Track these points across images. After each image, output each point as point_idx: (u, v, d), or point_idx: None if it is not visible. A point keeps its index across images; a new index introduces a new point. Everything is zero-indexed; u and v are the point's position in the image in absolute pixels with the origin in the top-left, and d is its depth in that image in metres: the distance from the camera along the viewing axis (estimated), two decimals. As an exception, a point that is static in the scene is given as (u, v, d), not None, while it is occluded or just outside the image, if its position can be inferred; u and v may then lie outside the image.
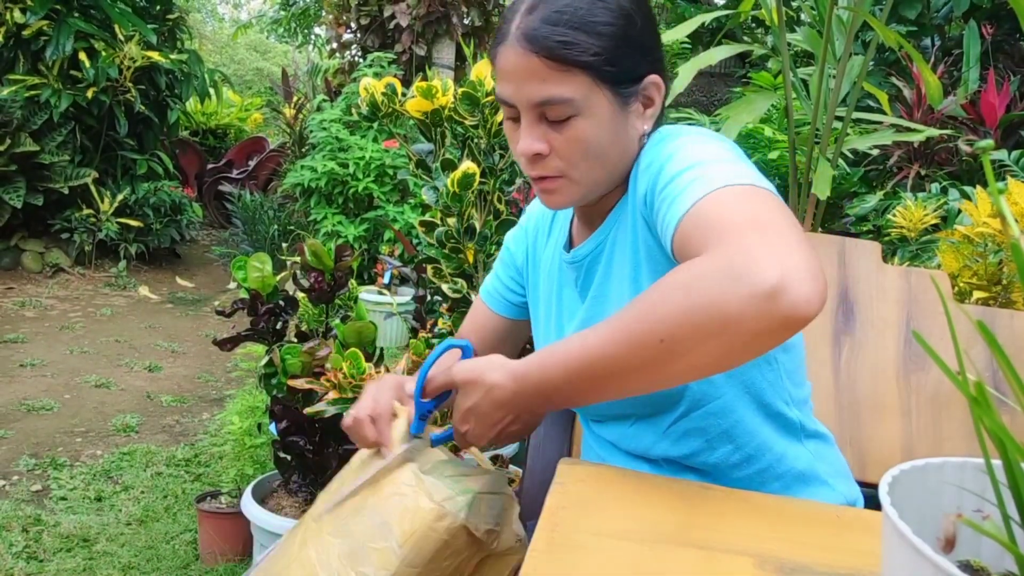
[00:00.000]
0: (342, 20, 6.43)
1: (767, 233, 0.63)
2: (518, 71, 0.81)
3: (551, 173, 0.84)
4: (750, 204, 0.67)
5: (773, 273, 0.59)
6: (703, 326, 0.61)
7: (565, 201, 0.87)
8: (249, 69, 16.21)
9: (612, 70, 0.81)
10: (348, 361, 1.67)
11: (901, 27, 4.47)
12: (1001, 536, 0.37)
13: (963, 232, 1.84)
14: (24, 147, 5.04)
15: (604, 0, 0.81)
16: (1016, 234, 0.36)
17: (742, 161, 0.77)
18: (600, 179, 0.86)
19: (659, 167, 0.79)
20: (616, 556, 0.59)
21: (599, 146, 0.83)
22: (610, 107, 0.82)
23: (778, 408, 0.88)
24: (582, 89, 0.80)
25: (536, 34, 0.80)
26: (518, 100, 0.83)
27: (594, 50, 0.80)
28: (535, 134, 0.83)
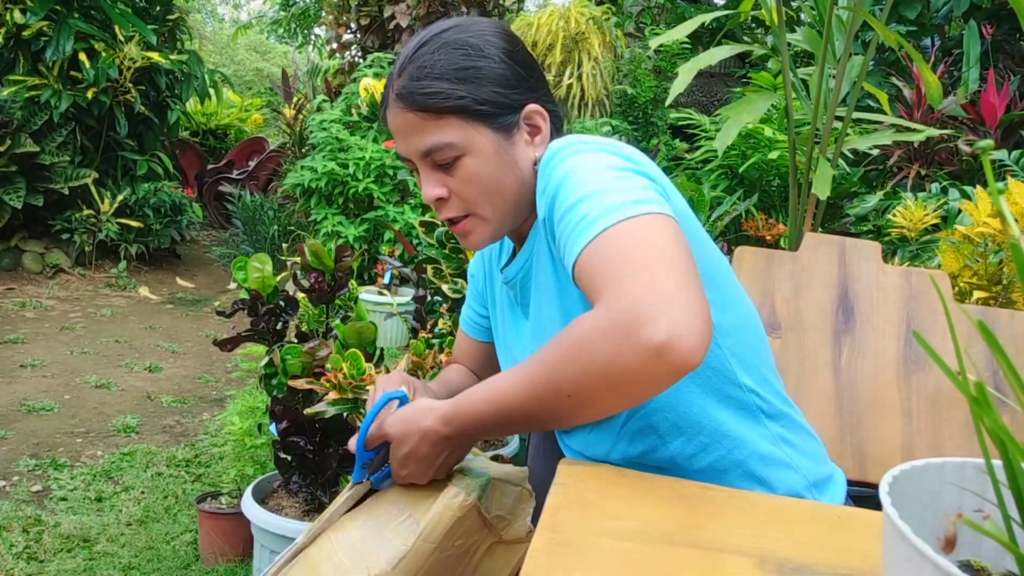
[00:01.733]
0: (342, 20, 6.43)
1: (653, 279, 0.67)
2: (400, 128, 0.89)
3: (457, 213, 0.91)
4: (636, 244, 0.71)
5: (660, 329, 0.65)
6: (603, 383, 0.68)
7: (480, 239, 0.92)
8: (249, 70, 16.22)
9: (483, 108, 0.87)
10: (348, 361, 1.67)
11: (901, 27, 4.47)
12: (1001, 536, 0.37)
13: (963, 232, 1.84)
14: (24, 148, 5.04)
15: (462, 48, 0.88)
16: (1016, 234, 0.36)
17: (629, 175, 0.79)
18: (505, 211, 0.91)
19: (552, 195, 0.82)
20: (616, 556, 0.59)
21: (492, 180, 0.88)
22: (492, 142, 0.88)
23: (728, 392, 0.87)
24: (458, 131, 0.87)
25: (405, 91, 0.87)
26: (408, 154, 0.91)
27: (458, 94, 0.86)
28: (432, 181, 0.90)
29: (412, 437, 0.82)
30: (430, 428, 0.81)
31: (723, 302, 0.87)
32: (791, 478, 0.89)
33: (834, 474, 0.96)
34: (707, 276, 0.85)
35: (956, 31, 4.70)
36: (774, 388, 0.93)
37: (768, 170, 4.02)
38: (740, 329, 0.89)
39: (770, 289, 1.28)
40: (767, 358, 0.94)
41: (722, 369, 0.87)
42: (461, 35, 0.89)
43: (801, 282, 1.28)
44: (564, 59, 5.77)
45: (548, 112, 0.93)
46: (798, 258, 1.30)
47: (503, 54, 0.90)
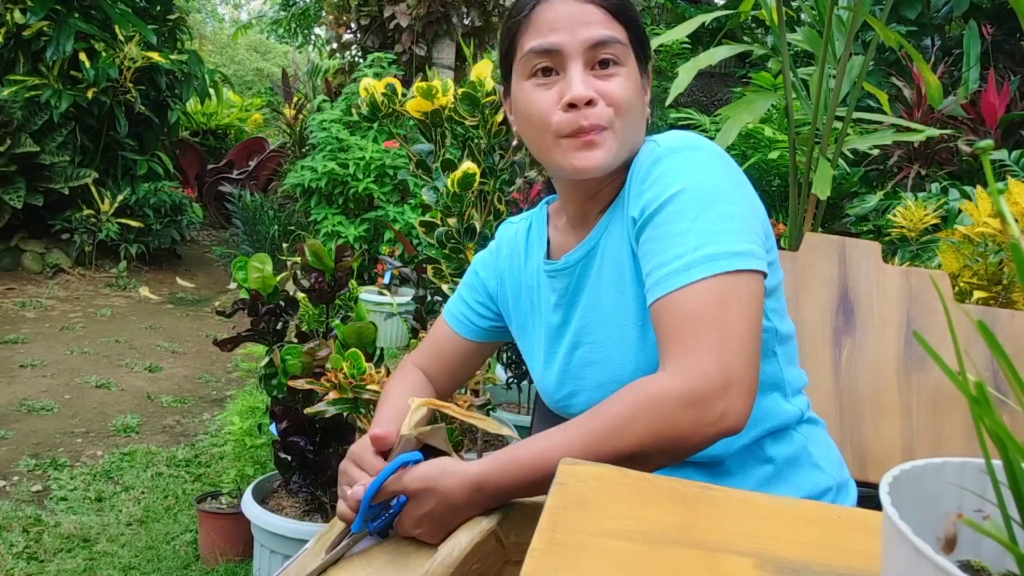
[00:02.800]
0: (342, 20, 6.43)
1: (723, 354, 0.73)
2: (572, 17, 0.86)
3: (601, 122, 0.85)
4: (719, 308, 0.75)
5: (717, 407, 0.72)
6: (662, 445, 0.73)
7: (606, 158, 0.86)
8: (249, 70, 16.22)
9: (639, 43, 0.90)
10: (348, 361, 1.67)
11: (901, 27, 4.47)
12: (1002, 536, 0.37)
13: (963, 232, 1.83)
14: (24, 148, 5.04)
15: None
16: (1016, 234, 0.36)
17: (733, 207, 0.80)
18: (629, 142, 0.89)
19: (654, 206, 0.81)
20: (616, 556, 0.59)
21: (634, 105, 0.88)
22: (637, 74, 0.89)
23: (775, 400, 0.89)
24: (626, 45, 0.87)
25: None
26: (570, 44, 0.85)
27: (634, 14, 0.89)
28: (585, 80, 0.85)
29: (432, 497, 0.78)
30: (452, 489, 0.77)
31: (783, 311, 0.91)
32: (818, 477, 0.91)
33: (850, 480, 0.97)
34: (776, 286, 0.89)
35: (956, 31, 4.70)
36: (805, 396, 0.96)
37: (768, 170, 4.02)
38: (790, 338, 0.93)
39: (770, 289, 1.28)
40: (799, 366, 0.97)
41: (774, 376, 0.90)
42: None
43: (801, 282, 1.28)
44: (564, 59, 5.76)
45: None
46: (798, 258, 1.30)
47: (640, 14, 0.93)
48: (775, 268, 0.88)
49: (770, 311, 0.87)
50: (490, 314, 1.08)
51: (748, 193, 0.84)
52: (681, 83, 2.05)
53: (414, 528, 0.81)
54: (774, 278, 0.87)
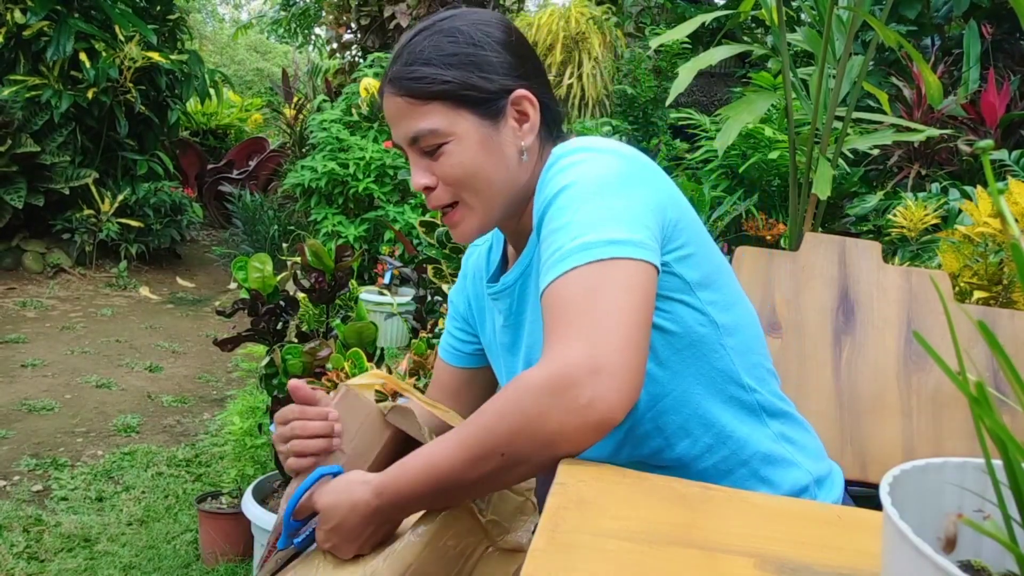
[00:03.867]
0: (342, 20, 6.43)
1: (595, 338, 0.70)
2: (391, 114, 0.91)
3: (443, 202, 0.91)
4: (593, 293, 0.73)
5: (584, 393, 0.68)
6: (531, 438, 0.70)
7: (470, 229, 0.92)
8: (249, 70, 16.22)
9: (468, 93, 0.88)
10: (349, 361, 1.67)
11: (901, 27, 4.47)
12: (1002, 536, 0.37)
13: (963, 232, 1.83)
14: (25, 148, 5.04)
15: (452, 35, 0.89)
16: (1016, 234, 0.36)
17: (623, 199, 0.78)
18: (492, 199, 0.90)
19: (545, 206, 0.82)
20: (617, 556, 0.59)
21: (476, 166, 0.88)
22: (477, 128, 0.88)
23: (732, 393, 0.88)
24: (443, 117, 0.87)
25: (395, 77, 0.89)
26: (398, 140, 0.92)
27: (442, 79, 0.87)
28: (420, 168, 0.90)
29: (340, 510, 0.80)
30: (359, 500, 0.79)
31: (726, 303, 0.88)
32: (795, 475, 0.90)
33: (832, 469, 0.97)
34: (711, 278, 0.86)
35: (956, 31, 4.70)
36: (772, 388, 0.93)
37: (768, 170, 4.02)
38: (742, 328, 0.90)
39: (770, 289, 1.28)
40: (766, 356, 0.94)
41: (727, 370, 0.87)
42: (455, 23, 0.90)
43: (801, 282, 1.28)
44: (564, 59, 5.77)
45: (540, 101, 0.92)
46: (798, 258, 1.30)
47: (494, 41, 0.90)
48: (700, 260, 0.86)
49: (708, 304, 0.85)
50: (472, 339, 1.11)
51: (646, 186, 0.82)
52: (681, 83, 2.05)
53: (325, 542, 0.83)
54: (699, 270, 0.85)
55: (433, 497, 0.77)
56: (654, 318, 0.83)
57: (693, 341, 0.85)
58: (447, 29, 0.90)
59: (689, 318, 0.85)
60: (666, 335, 0.84)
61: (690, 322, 0.85)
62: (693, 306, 0.84)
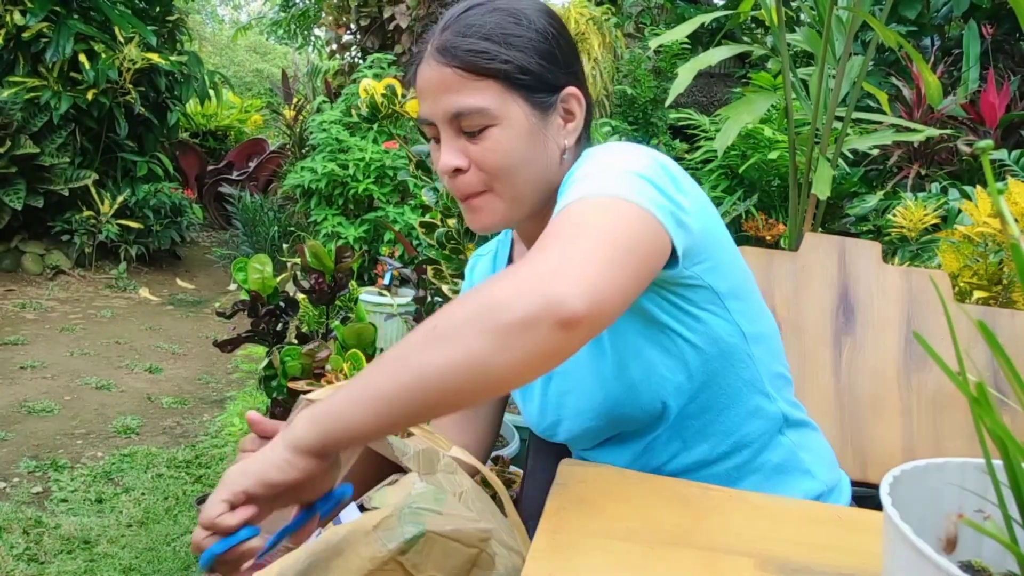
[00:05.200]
0: (342, 21, 6.43)
1: (577, 249, 0.64)
2: (433, 85, 0.83)
3: (474, 189, 0.85)
4: (592, 217, 0.68)
5: (548, 283, 0.61)
6: (480, 313, 0.61)
7: (492, 220, 0.86)
8: (249, 71, 16.21)
9: (525, 78, 0.82)
10: (349, 362, 1.67)
11: (901, 27, 4.47)
12: (1002, 536, 0.37)
13: (963, 232, 1.83)
14: (24, 149, 5.04)
15: (513, 15, 0.83)
16: (1016, 234, 0.36)
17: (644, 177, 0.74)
18: (524, 194, 0.85)
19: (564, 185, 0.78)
20: (617, 557, 0.59)
21: (517, 156, 0.83)
22: (527, 117, 0.83)
23: (756, 403, 0.87)
24: (495, 98, 0.81)
25: (448, 46, 0.82)
26: (434, 115, 0.84)
27: (504, 57, 0.81)
28: (453, 148, 0.84)
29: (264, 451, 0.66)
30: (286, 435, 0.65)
31: (753, 313, 0.87)
32: (808, 484, 0.90)
33: (842, 478, 0.96)
34: (739, 288, 0.85)
35: (956, 31, 4.70)
36: (789, 393, 0.93)
37: (768, 170, 4.02)
38: (766, 337, 0.89)
39: (770, 289, 1.28)
40: (785, 364, 0.94)
41: (752, 380, 0.87)
42: (517, 4, 0.85)
43: (801, 282, 1.28)
44: (564, 60, 5.76)
45: (586, 101, 0.89)
46: (798, 258, 1.30)
47: (556, 32, 0.86)
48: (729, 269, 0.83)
49: (737, 313, 0.84)
50: None
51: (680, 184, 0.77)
52: (681, 83, 2.05)
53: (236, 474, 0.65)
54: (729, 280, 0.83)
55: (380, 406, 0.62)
56: (686, 331, 0.82)
57: (723, 351, 0.84)
58: (510, 10, 0.84)
59: (720, 329, 0.83)
60: (696, 350, 0.83)
61: (721, 333, 0.83)
62: (723, 317, 0.83)
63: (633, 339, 0.83)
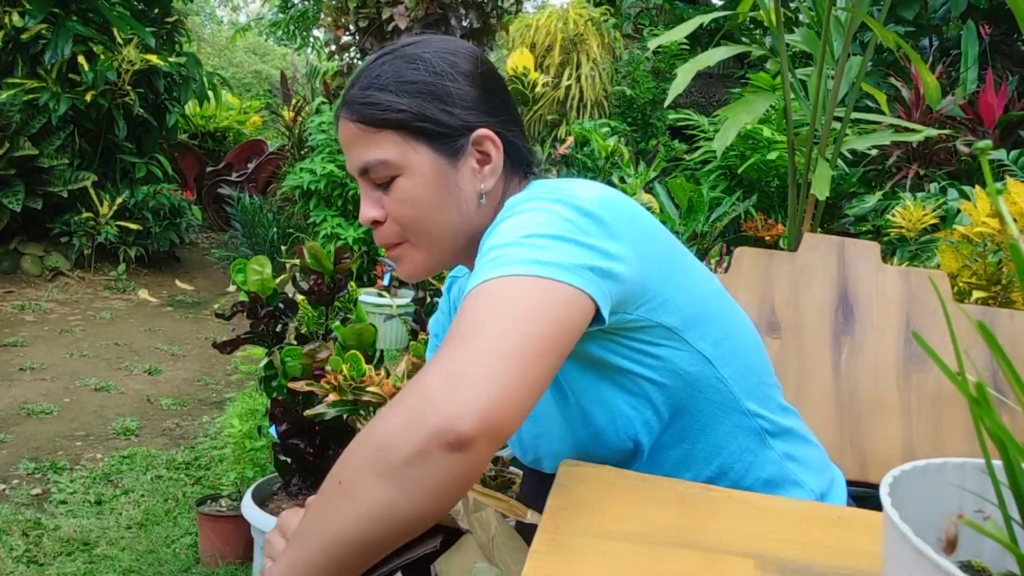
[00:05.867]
0: (340, 22, 6.43)
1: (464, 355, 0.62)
2: (344, 140, 0.85)
3: (390, 240, 0.85)
4: (483, 310, 0.65)
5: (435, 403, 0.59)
6: (366, 446, 0.61)
7: (416, 269, 0.87)
8: (248, 72, 16.21)
9: (424, 125, 0.81)
10: (348, 363, 1.67)
11: (899, 27, 4.47)
12: (1002, 536, 0.37)
13: (962, 232, 1.84)
14: (23, 151, 5.04)
15: (414, 61, 0.83)
16: (1015, 234, 0.36)
17: (565, 235, 0.70)
18: (441, 242, 0.85)
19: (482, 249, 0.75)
20: (617, 558, 0.59)
21: (428, 205, 0.82)
22: (433, 164, 0.82)
23: (733, 423, 0.84)
24: (395, 148, 0.81)
25: (351, 101, 0.83)
26: (350, 169, 0.86)
27: (398, 106, 0.81)
28: (370, 200, 0.84)
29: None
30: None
31: (719, 334, 0.82)
32: (798, 494, 0.88)
33: (835, 478, 0.95)
34: (697, 315, 0.80)
35: (954, 31, 4.71)
36: (776, 403, 0.90)
37: (767, 171, 4.02)
38: (739, 352, 0.85)
39: (769, 290, 1.28)
40: (767, 373, 0.90)
41: (725, 402, 0.84)
42: (419, 50, 0.84)
43: (800, 283, 1.28)
44: (563, 60, 5.77)
45: (504, 141, 0.85)
46: (797, 258, 1.30)
47: (459, 73, 0.84)
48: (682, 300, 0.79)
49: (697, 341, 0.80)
50: None
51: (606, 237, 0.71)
52: (679, 84, 2.05)
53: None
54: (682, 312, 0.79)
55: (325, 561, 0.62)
56: (645, 371, 0.79)
57: (688, 382, 0.81)
58: (409, 55, 0.84)
59: (681, 361, 0.80)
60: (659, 386, 0.80)
61: (682, 365, 0.80)
62: (683, 349, 0.79)
63: (592, 384, 0.81)
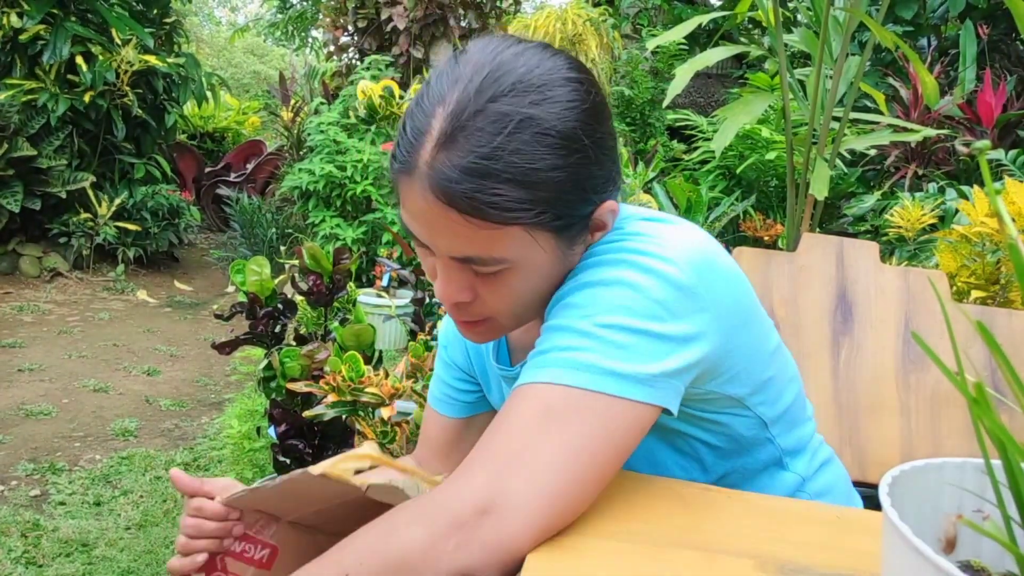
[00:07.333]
0: (339, 23, 6.43)
1: (507, 469, 0.59)
2: (429, 219, 0.65)
3: (475, 318, 0.73)
4: (544, 420, 0.61)
5: (463, 531, 0.57)
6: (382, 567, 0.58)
7: (491, 338, 0.77)
8: (246, 72, 16.21)
9: (558, 222, 0.66)
10: (347, 364, 1.67)
11: (897, 27, 4.48)
12: (1001, 536, 0.37)
13: (961, 232, 1.84)
14: (21, 151, 5.03)
15: (551, 135, 0.63)
16: (1013, 234, 0.36)
17: (620, 320, 0.64)
18: (531, 315, 0.75)
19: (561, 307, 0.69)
20: (617, 558, 0.59)
21: (534, 292, 0.71)
22: (552, 252, 0.68)
23: (774, 476, 0.83)
24: (518, 245, 0.66)
25: (453, 189, 0.62)
26: (434, 247, 0.68)
27: (538, 208, 0.64)
28: (458, 283, 0.69)
29: None
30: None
31: (777, 393, 0.79)
32: None
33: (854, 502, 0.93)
34: (765, 380, 0.77)
35: (952, 31, 4.71)
36: (813, 449, 0.87)
37: (766, 171, 4.03)
38: (790, 408, 0.82)
39: (768, 290, 1.28)
40: (806, 411, 0.88)
41: (771, 458, 0.83)
42: (543, 105, 0.63)
43: (799, 282, 1.28)
44: (561, 61, 5.76)
45: (617, 200, 0.73)
46: (796, 258, 1.30)
47: (594, 140, 0.66)
48: (752, 368, 0.75)
49: (758, 405, 0.77)
50: (474, 386, 0.97)
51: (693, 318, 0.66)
52: (678, 84, 2.06)
53: None
54: (752, 380, 0.75)
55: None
56: (702, 435, 0.77)
57: (741, 445, 0.79)
58: (530, 118, 0.62)
59: (740, 426, 0.77)
60: (712, 448, 0.79)
61: (740, 430, 0.78)
62: (744, 415, 0.77)
63: (645, 443, 0.74)
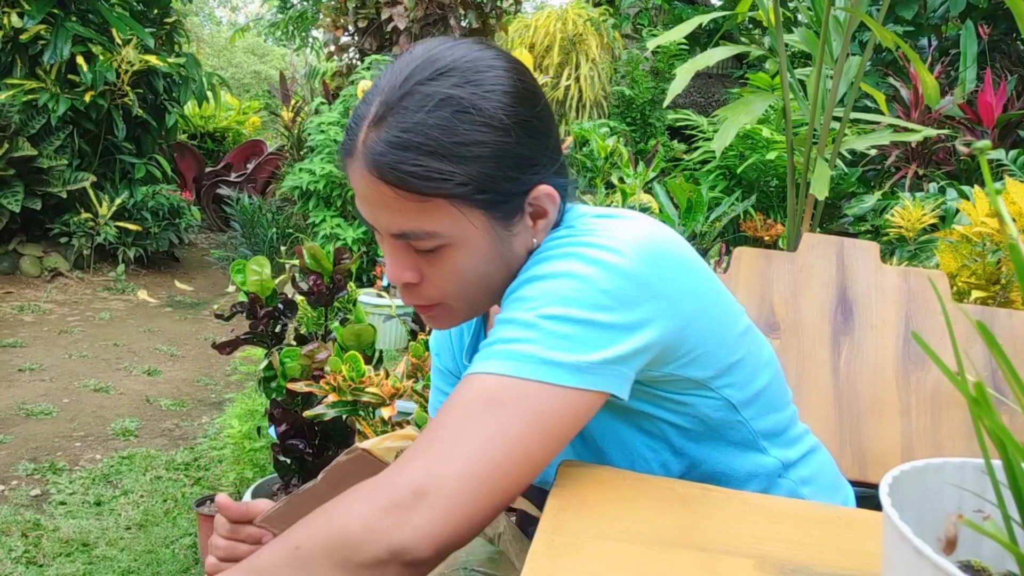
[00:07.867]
0: (339, 23, 6.43)
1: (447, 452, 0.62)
2: (368, 196, 0.69)
3: (427, 302, 0.75)
4: (484, 407, 0.63)
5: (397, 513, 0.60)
6: (325, 541, 0.61)
7: (450, 324, 0.80)
8: (247, 72, 16.21)
9: (484, 197, 0.69)
10: (347, 364, 1.67)
11: (898, 27, 4.47)
12: (1002, 536, 0.37)
13: (961, 232, 1.84)
14: (22, 151, 5.03)
15: (471, 112, 0.67)
16: (1014, 234, 0.36)
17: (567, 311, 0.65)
18: (482, 301, 0.77)
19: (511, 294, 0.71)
20: (617, 558, 0.59)
21: (477, 273, 0.72)
22: (487, 231, 0.71)
23: (750, 459, 0.83)
24: (448, 220, 0.68)
25: (382, 161, 0.66)
26: (375, 224, 0.72)
27: (459, 179, 0.67)
28: (402, 262, 0.72)
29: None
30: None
31: (746, 377, 0.79)
32: None
33: (847, 497, 0.94)
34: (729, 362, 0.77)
35: (953, 31, 4.71)
36: (794, 434, 0.87)
37: (766, 171, 4.03)
38: (763, 392, 0.82)
39: (768, 290, 1.28)
40: (786, 402, 0.88)
41: (745, 441, 0.82)
42: (465, 87, 0.67)
43: (799, 282, 1.28)
44: (562, 60, 5.77)
45: (558, 190, 0.75)
46: (796, 258, 1.30)
47: (518, 120, 0.69)
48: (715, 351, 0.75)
49: (724, 387, 0.77)
50: None
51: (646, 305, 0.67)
52: (678, 84, 2.06)
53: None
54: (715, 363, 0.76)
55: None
56: (667, 415, 0.77)
57: (709, 427, 0.79)
58: (456, 99, 0.67)
59: (705, 407, 0.78)
60: (680, 429, 0.79)
61: (707, 411, 0.78)
62: (709, 396, 0.77)
63: (609, 425, 0.79)
